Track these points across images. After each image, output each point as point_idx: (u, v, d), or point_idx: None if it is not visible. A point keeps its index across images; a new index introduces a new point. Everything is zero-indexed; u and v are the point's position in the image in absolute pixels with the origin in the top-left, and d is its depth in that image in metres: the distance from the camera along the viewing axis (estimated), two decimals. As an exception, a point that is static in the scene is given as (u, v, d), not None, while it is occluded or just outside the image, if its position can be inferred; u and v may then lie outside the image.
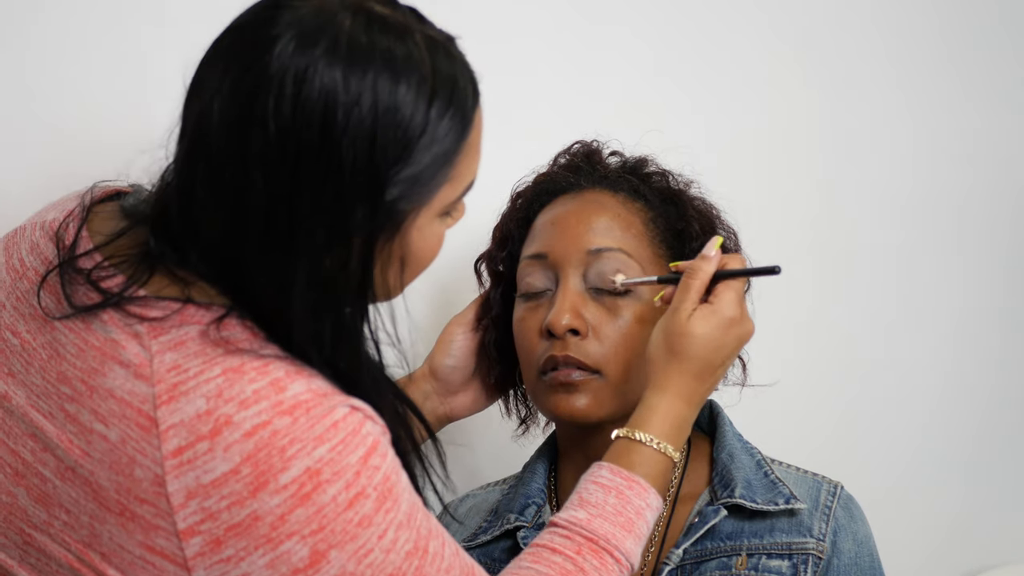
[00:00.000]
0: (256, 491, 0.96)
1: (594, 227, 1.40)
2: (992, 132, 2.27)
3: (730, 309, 1.28)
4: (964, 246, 2.25)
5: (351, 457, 0.99)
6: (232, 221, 1.00)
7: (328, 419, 0.99)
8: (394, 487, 1.02)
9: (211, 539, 0.97)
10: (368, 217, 1.00)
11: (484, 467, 1.77)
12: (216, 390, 0.97)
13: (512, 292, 1.47)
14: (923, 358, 2.21)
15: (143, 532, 0.98)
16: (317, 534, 0.98)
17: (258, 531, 0.97)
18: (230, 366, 0.98)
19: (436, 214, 1.07)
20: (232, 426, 0.96)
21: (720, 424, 1.46)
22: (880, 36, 2.15)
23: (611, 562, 1.16)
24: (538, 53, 1.81)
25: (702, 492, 1.42)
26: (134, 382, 0.99)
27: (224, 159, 0.99)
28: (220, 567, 0.97)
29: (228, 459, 0.96)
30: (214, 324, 1.00)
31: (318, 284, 1.00)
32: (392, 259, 1.05)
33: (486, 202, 1.54)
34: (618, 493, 1.20)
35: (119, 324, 1.01)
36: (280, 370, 0.99)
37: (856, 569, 1.37)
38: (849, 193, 2.13)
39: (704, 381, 1.28)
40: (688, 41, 1.97)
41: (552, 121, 1.76)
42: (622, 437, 1.25)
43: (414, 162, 1.01)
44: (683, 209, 1.44)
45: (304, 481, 0.97)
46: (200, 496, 0.97)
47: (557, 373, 1.37)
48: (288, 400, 0.98)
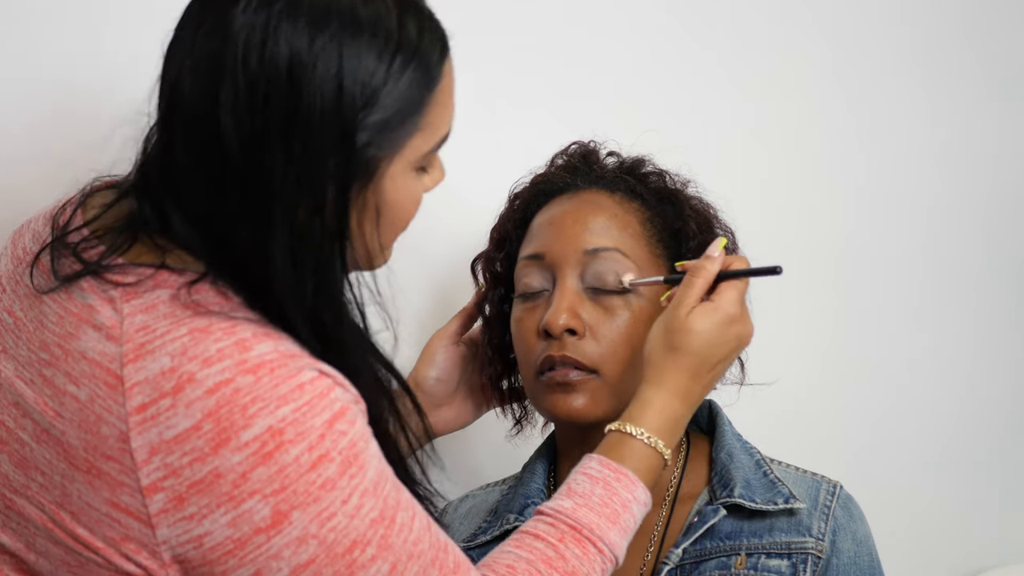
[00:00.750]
0: (217, 447, 0.97)
1: (591, 227, 1.40)
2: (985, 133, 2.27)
3: (731, 307, 1.28)
4: (964, 247, 2.25)
5: (316, 420, 0.99)
6: (208, 174, 1.02)
7: (294, 380, 0.99)
8: (361, 454, 1.02)
9: (174, 496, 0.98)
10: (340, 165, 1.02)
11: (484, 467, 1.77)
12: (181, 348, 0.98)
13: (510, 293, 1.48)
14: (924, 358, 2.21)
15: (109, 489, 0.99)
16: (279, 494, 0.98)
17: (220, 488, 0.97)
18: (197, 326, 0.99)
19: (410, 165, 1.08)
20: (195, 383, 0.97)
21: (719, 424, 1.47)
22: (880, 34, 2.15)
23: (593, 552, 1.16)
24: (535, 53, 1.81)
25: (701, 492, 1.42)
26: (105, 343, 1.00)
27: (198, 113, 1.01)
28: (183, 524, 0.98)
29: (190, 415, 0.97)
30: (185, 287, 1.01)
31: (295, 233, 1.01)
32: (367, 208, 1.05)
33: (484, 203, 1.55)
34: (605, 484, 1.20)
35: (96, 290, 1.03)
36: (247, 331, 1.00)
37: (855, 569, 1.37)
38: (848, 192, 2.13)
39: (700, 379, 1.28)
40: (686, 41, 1.97)
41: (549, 122, 1.76)
42: (614, 430, 1.25)
43: (381, 108, 1.03)
44: (680, 208, 1.44)
45: (266, 439, 0.98)
46: (163, 452, 0.98)
47: (554, 373, 1.37)
48: (252, 359, 0.98)
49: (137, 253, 1.05)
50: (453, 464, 1.77)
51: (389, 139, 1.05)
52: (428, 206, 1.70)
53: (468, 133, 1.74)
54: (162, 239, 1.05)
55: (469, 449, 1.78)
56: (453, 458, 1.77)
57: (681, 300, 1.29)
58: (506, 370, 1.53)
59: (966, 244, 2.25)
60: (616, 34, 1.90)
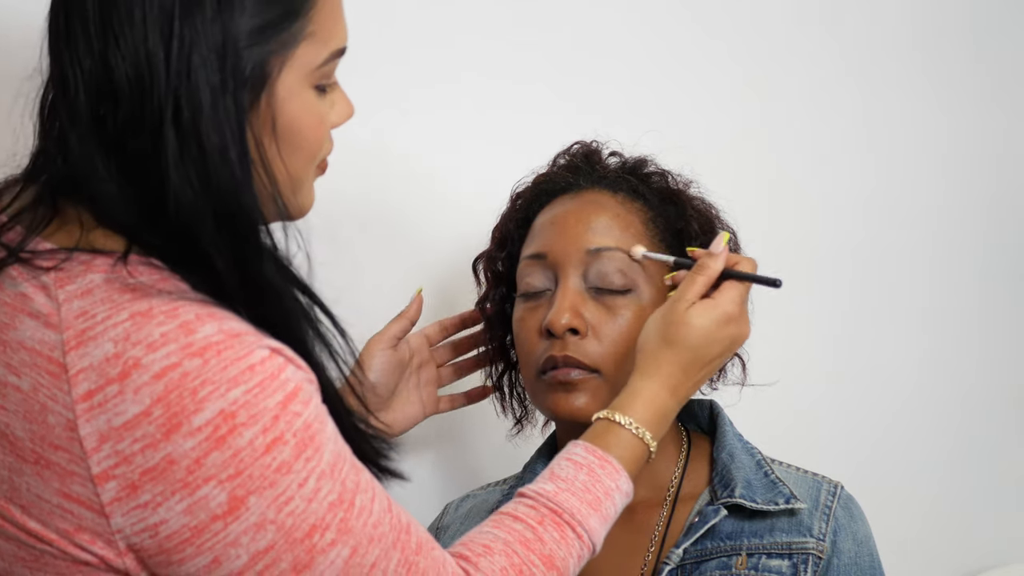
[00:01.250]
0: (169, 433, 0.95)
1: (593, 227, 1.40)
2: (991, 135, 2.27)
3: (731, 306, 1.28)
4: (968, 248, 2.25)
5: (268, 401, 0.97)
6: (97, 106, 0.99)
7: (243, 362, 0.97)
8: (316, 435, 1.00)
9: (126, 483, 0.96)
10: (226, 70, 1.00)
11: (484, 467, 1.77)
12: (124, 333, 0.96)
13: (512, 292, 1.48)
14: (924, 359, 2.21)
15: (59, 479, 0.97)
16: (235, 479, 0.96)
17: (174, 475, 0.96)
18: (138, 310, 0.97)
19: (305, 78, 1.05)
20: (141, 368, 0.95)
21: (720, 424, 1.47)
22: (885, 36, 2.16)
23: (572, 536, 1.15)
24: (537, 53, 1.81)
25: (702, 492, 1.42)
26: (44, 331, 0.98)
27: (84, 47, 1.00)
28: (138, 513, 0.97)
29: (139, 401, 0.95)
30: (120, 267, 0.99)
31: (192, 151, 0.99)
32: (264, 123, 1.03)
33: (486, 203, 1.55)
34: (589, 471, 1.19)
35: (27, 278, 1.00)
36: (190, 313, 0.98)
37: (856, 569, 1.37)
38: (851, 193, 2.13)
39: (691, 375, 1.27)
40: (690, 41, 1.97)
41: (551, 121, 1.76)
42: (602, 418, 1.24)
43: (258, 11, 1.01)
44: (682, 209, 1.44)
45: (219, 423, 0.96)
46: (113, 439, 0.96)
47: (556, 372, 1.37)
48: (198, 342, 0.96)
49: (62, 235, 1.03)
50: (453, 464, 1.77)
51: (274, 42, 1.02)
52: (429, 206, 1.72)
53: (470, 133, 1.75)
54: (78, 208, 1.02)
55: (469, 449, 1.78)
56: (453, 458, 1.77)
57: (682, 295, 1.29)
58: (508, 369, 1.53)
59: (969, 245, 2.25)
60: (618, 34, 1.90)
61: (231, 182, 1.00)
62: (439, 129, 1.71)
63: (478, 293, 1.54)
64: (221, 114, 1.00)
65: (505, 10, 1.78)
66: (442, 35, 1.72)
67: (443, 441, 1.75)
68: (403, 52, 1.67)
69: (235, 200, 1.01)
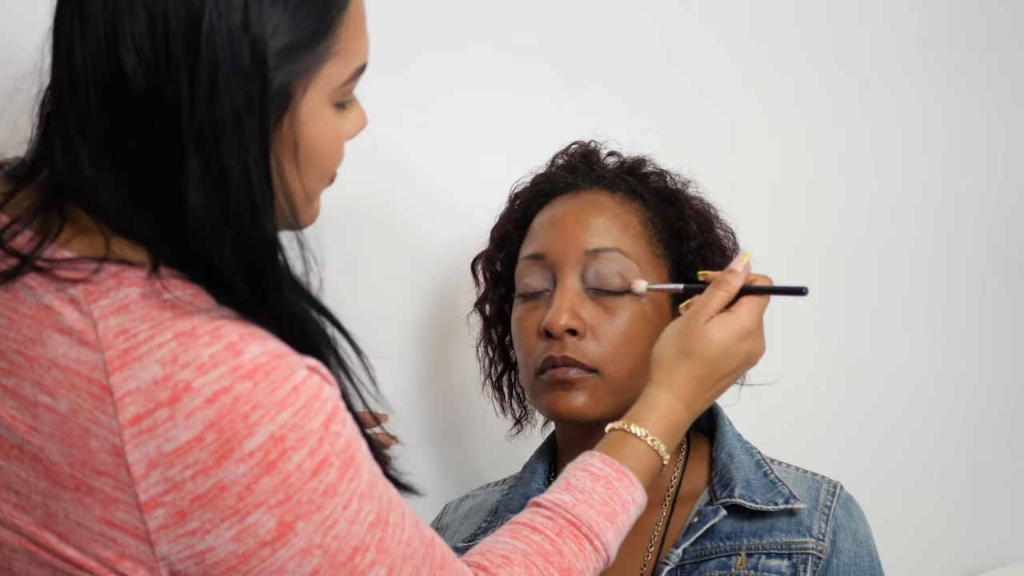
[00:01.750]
0: (221, 459, 0.93)
1: (592, 227, 1.40)
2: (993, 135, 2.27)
3: (749, 322, 1.28)
4: (970, 248, 2.25)
5: (313, 423, 0.96)
6: (119, 120, 0.96)
7: (289, 383, 0.95)
8: (355, 455, 0.99)
9: (175, 511, 0.93)
10: (254, 90, 0.96)
11: (484, 467, 1.77)
12: (171, 355, 0.93)
13: (511, 292, 1.48)
14: (925, 359, 2.21)
15: (102, 507, 0.94)
16: (284, 504, 0.94)
17: (224, 502, 0.93)
18: (182, 330, 0.94)
19: (327, 97, 1.02)
20: (192, 392, 0.92)
21: (719, 424, 1.47)
22: (886, 35, 2.15)
23: (590, 549, 1.14)
24: (536, 53, 1.81)
25: (701, 492, 1.42)
26: (79, 349, 0.94)
27: (94, 55, 0.96)
28: (185, 540, 0.94)
29: (191, 426, 0.92)
30: (155, 281, 0.96)
31: (214, 174, 0.96)
32: (285, 144, 1.00)
33: (485, 203, 1.55)
34: (606, 483, 1.18)
35: (50, 289, 0.96)
36: (234, 333, 0.95)
37: (856, 569, 1.37)
38: (851, 192, 2.13)
39: (707, 388, 1.27)
40: (689, 40, 1.97)
41: (550, 122, 1.76)
42: (617, 429, 1.24)
43: (289, 29, 0.98)
44: (681, 208, 1.44)
45: (269, 448, 0.93)
46: (163, 466, 0.93)
47: (555, 371, 1.37)
48: (247, 364, 0.94)
49: (78, 240, 0.98)
50: (452, 464, 1.77)
51: (302, 62, 0.99)
52: (428, 206, 1.72)
53: (469, 133, 1.75)
54: (92, 215, 0.98)
55: (469, 449, 1.78)
56: (452, 458, 1.77)
57: (701, 308, 1.28)
58: (507, 369, 1.53)
59: (971, 246, 2.25)
60: (618, 34, 1.90)
61: (252, 210, 0.97)
62: (438, 129, 1.71)
63: (477, 293, 1.54)
64: (246, 139, 0.96)
65: (505, 11, 1.78)
66: (442, 37, 1.72)
67: (442, 441, 1.75)
68: (403, 54, 1.67)
69: (256, 228, 0.98)
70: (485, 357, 1.55)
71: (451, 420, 1.75)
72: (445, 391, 1.74)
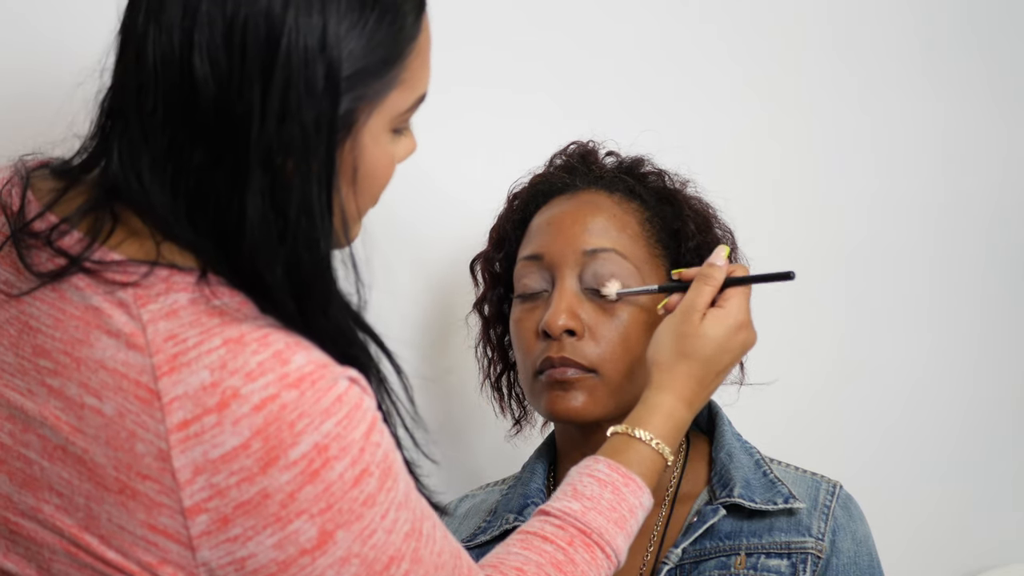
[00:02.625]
0: (266, 467, 0.93)
1: (590, 228, 1.40)
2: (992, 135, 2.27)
3: (741, 313, 1.28)
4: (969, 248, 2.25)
5: (355, 433, 0.96)
6: (183, 128, 0.96)
7: (332, 392, 0.95)
8: (392, 465, 0.99)
9: (218, 517, 0.93)
10: (325, 113, 0.96)
11: (483, 467, 1.77)
12: (220, 361, 0.93)
13: (509, 293, 1.48)
14: (925, 359, 2.21)
15: (145, 511, 0.94)
16: (325, 513, 0.95)
17: (267, 509, 0.94)
18: (230, 336, 0.94)
19: (388, 123, 1.03)
20: (240, 399, 0.93)
21: (719, 424, 1.47)
22: (886, 35, 2.16)
23: (601, 557, 1.15)
24: (535, 53, 1.81)
25: (701, 492, 1.42)
26: (127, 352, 0.94)
27: (169, 60, 0.95)
28: (226, 547, 0.94)
29: (238, 433, 0.93)
30: (204, 287, 0.96)
31: (277, 191, 0.96)
32: (345, 168, 1.00)
33: (483, 204, 1.55)
34: (614, 489, 1.18)
35: (99, 291, 0.96)
36: (280, 342, 0.95)
37: (855, 568, 1.37)
38: (850, 192, 2.13)
39: (706, 385, 1.28)
40: (688, 40, 1.97)
41: (548, 122, 1.76)
42: (620, 433, 1.24)
43: (363, 56, 0.98)
44: (679, 209, 1.44)
45: (313, 457, 0.94)
46: (208, 472, 0.93)
47: (553, 371, 1.37)
48: (293, 373, 0.94)
49: (128, 243, 0.98)
50: (453, 464, 1.77)
51: (371, 88, 1.00)
52: (427, 206, 1.72)
53: (468, 133, 1.75)
54: (143, 218, 0.98)
55: (469, 449, 1.78)
56: (453, 458, 1.77)
57: (693, 306, 1.28)
58: (506, 370, 1.53)
59: (971, 245, 2.25)
60: (616, 33, 1.90)
61: (310, 232, 0.97)
62: (437, 129, 1.71)
63: (476, 294, 1.54)
64: (311, 159, 0.96)
65: (505, 11, 1.79)
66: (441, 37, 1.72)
67: (442, 441, 1.74)
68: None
69: (311, 251, 0.98)
70: (484, 357, 1.55)
71: (450, 420, 1.75)
72: (444, 391, 1.74)
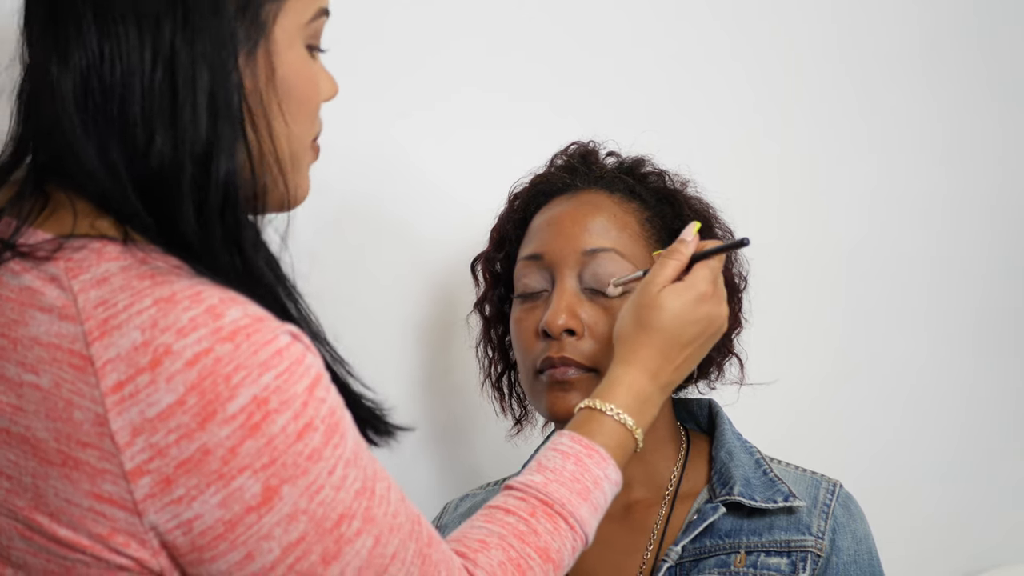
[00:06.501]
0: (204, 422, 0.92)
1: (590, 228, 1.41)
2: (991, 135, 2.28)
3: (703, 285, 1.27)
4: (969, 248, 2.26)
5: (297, 386, 0.94)
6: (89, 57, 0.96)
7: (271, 346, 0.94)
8: (340, 422, 0.98)
9: (160, 478, 0.92)
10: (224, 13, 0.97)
11: (484, 467, 1.77)
12: (150, 320, 0.92)
13: (510, 293, 1.48)
14: (925, 359, 2.22)
15: (89, 480, 0.93)
16: (268, 468, 0.93)
17: (208, 466, 0.92)
18: (161, 296, 0.93)
19: (298, 31, 1.03)
20: (172, 355, 0.91)
21: (719, 423, 1.47)
22: (885, 34, 2.16)
23: (564, 527, 1.14)
24: (535, 54, 1.81)
25: (701, 490, 1.43)
26: (60, 324, 0.94)
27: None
28: (172, 508, 0.93)
29: (172, 390, 0.91)
30: (134, 251, 0.96)
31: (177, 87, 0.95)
32: (264, 74, 1.00)
33: (484, 204, 1.55)
34: (576, 460, 1.17)
35: (31, 270, 0.96)
36: (214, 297, 0.94)
37: (855, 567, 1.38)
38: (850, 192, 2.13)
39: (671, 358, 1.26)
40: (688, 40, 1.97)
41: (549, 122, 1.76)
42: (584, 407, 1.23)
43: None
44: (679, 209, 1.45)
45: (252, 410, 0.93)
46: (146, 432, 0.92)
47: (553, 371, 1.37)
48: (227, 326, 0.93)
49: (52, 220, 0.99)
50: (453, 464, 1.77)
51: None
52: (428, 206, 1.73)
53: (468, 133, 1.76)
54: (68, 193, 0.98)
55: (469, 449, 1.78)
56: (452, 459, 1.77)
57: (652, 279, 1.28)
58: (507, 370, 1.54)
59: (970, 245, 2.26)
60: (617, 34, 1.90)
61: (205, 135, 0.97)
62: (438, 129, 1.72)
63: (477, 294, 1.54)
64: (215, 55, 0.96)
65: (505, 11, 1.79)
66: (442, 36, 1.73)
67: (443, 441, 1.75)
68: (403, 55, 1.68)
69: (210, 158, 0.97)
70: (485, 357, 1.55)
71: (451, 420, 1.75)
72: (445, 391, 1.74)
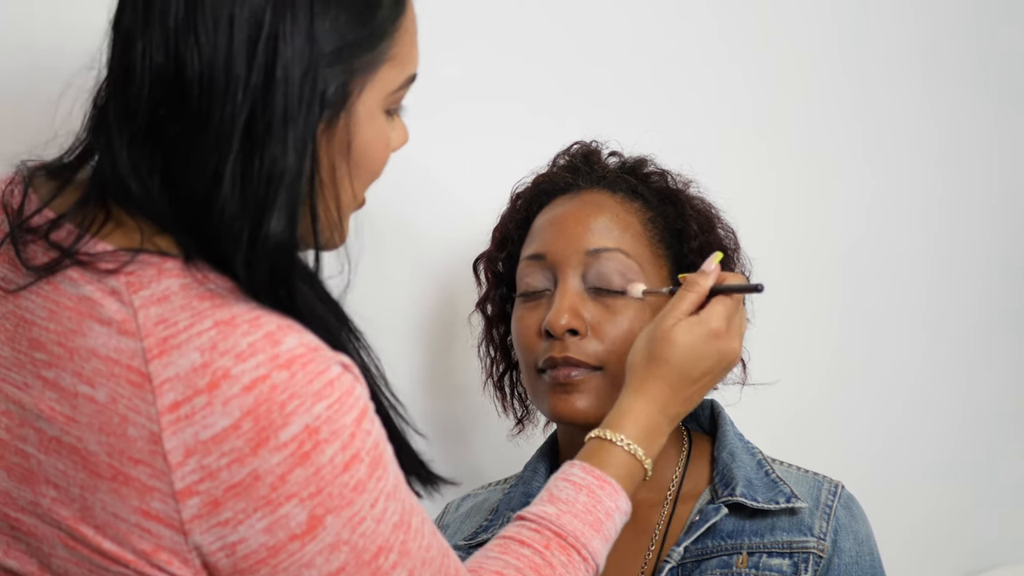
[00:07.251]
0: (257, 448, 0.93)
1: (592, 227, 1.40)
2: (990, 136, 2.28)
3: (717, 322, 1.27)
4: (968, 248, 2.25)
5: (346, 418, 0.96)
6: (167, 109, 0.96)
7: (324, 376, 0.95)
8: (383, 455, 0.99)
9: (209, 500, 0.93)
10: (306, 87, 0.97)
11: (485, 467, 1.77)
12: (210, 343, 0.93)
13: (512, 292, 1.48)
14: (926, 359, 2.21)
15: (138, 496, 0.94)
16: (315, 497, 0.94)
17: (258, 492, 0.93)
18: (221, 318, 0.94)
19: (381, 100, 1.04)
20: (231, 379, 0.92)
21: (721, 423, 1.47)
22: (883, 35, 2.16)
23: (578, 559, 1.15)
24: (537, 54, 1.81)
25: (703, 491, 1.43)
26: (119, 339, 0.94)
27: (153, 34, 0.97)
28: (217, 531, 0.94)
29: (228, 413, 0.92)
30: (194, 271, 0.96)
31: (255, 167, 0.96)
32: (340, 146, 1.01)
33: (486, 203, 1.55)
34: (589, 492, 1.18)
35: (90, 281, 0.97)
36: (272, 324, 0.95)
37: (857, 568, 1.38)
38: (851, 193, 2.13)
39: (679, 392, 1.26)
40: (689, 41, 1.97)
41: (551, 122, 1.76)
42: (594, 437, 1.24)
43: (349, 30, 0.99)
44: (682, 209, 1.45)
45: (304, 439, 0.94)
46: (199, 453, 0.93)
47: (556, 372, 1.37)
48: (284, 354, 0.94)
49: (118, 233, 0.99)
50: (453, 464, 1.77)
51: (360, 61, 1.01)
52: (430, 206, 1.72)
53: (470, 133, 1.75)
54: (132, 211, 0.99)
55: (471, 448, 1.78)
56: (453, 458, 1.77)
57: (669, 311, 1.28)
58: (508, 369, 1.53)
59: (971, 245, 2.25)
60: (619, 34, 1.90)
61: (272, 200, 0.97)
62: (440, 129, 1.72)
63: (479, 293, 1.54)
64: (291, 131, 0.97)
65: (506, 12, 1.79)
66: (443, 35, 1.72)
67: (443, 441, 1.75)
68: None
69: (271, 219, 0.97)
70: (487, 357, 1.55)
71: (453, 420, 1.75)
72: (447, 391, 1.74)
